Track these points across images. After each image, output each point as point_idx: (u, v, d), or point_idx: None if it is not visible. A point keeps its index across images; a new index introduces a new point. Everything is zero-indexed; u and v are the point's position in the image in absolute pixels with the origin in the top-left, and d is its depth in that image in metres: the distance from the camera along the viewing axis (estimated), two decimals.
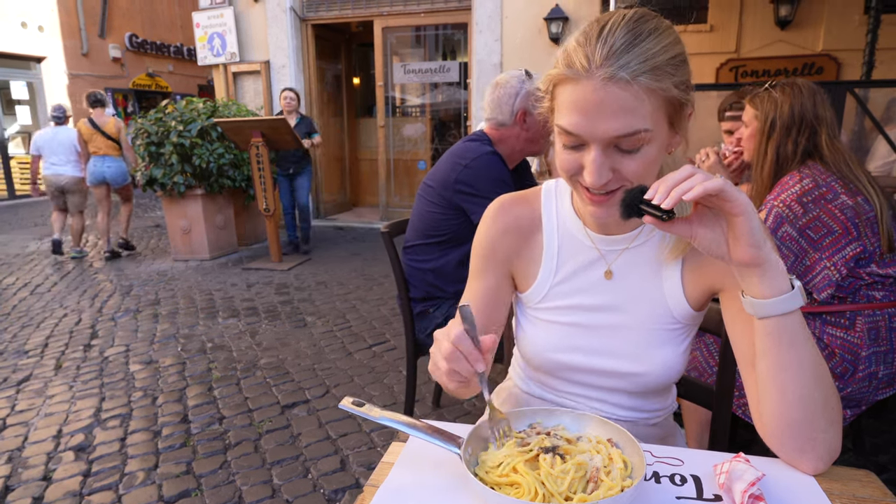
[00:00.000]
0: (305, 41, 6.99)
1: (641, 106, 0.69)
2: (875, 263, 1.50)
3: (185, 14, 11.77)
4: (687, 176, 0.64)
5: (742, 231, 0.65)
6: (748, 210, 0.64)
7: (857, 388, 1.52)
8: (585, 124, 0.71)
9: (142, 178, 5.15)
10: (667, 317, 0.87)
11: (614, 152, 0.73)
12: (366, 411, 0.75)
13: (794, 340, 0.70)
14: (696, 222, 0.68)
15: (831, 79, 6.04)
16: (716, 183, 0.62)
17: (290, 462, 2.14)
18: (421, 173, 7.31)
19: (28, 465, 2.15)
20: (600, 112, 0.70)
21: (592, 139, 0.72)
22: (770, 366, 0.72)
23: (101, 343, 3.36)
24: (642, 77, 0.68)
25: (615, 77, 0.68)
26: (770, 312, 0.69)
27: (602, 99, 0.69)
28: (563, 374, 0.93)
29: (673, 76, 0.71)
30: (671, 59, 0.70)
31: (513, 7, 5.90)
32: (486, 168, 1.83)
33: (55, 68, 10.19)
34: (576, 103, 0.71)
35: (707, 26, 6.61)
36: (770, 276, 0.68)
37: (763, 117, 1.60)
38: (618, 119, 0.69)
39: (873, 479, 0.73)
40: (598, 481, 0.66)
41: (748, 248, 0.66)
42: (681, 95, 0.73)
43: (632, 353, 0.87)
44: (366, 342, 3.34)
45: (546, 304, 0.92)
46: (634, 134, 0.70)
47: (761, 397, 0.74)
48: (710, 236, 0.68)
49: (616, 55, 0.68)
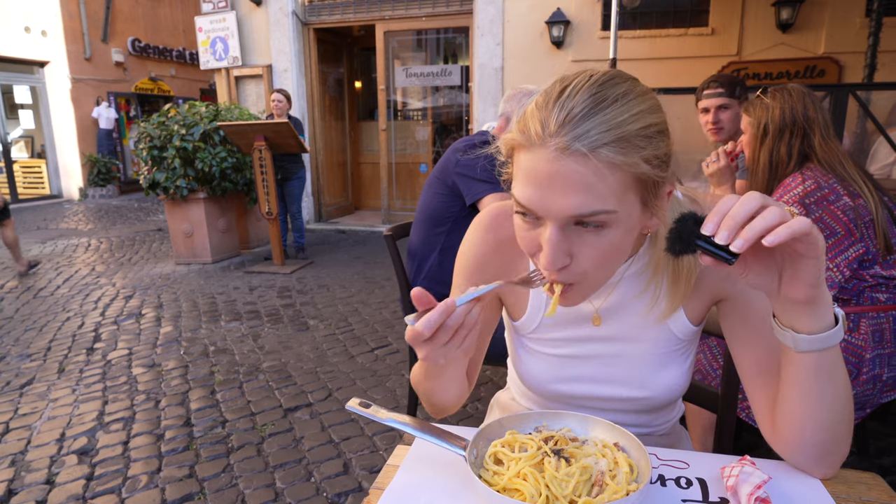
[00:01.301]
0: (307, 45, 7.02)
1: (601, 183, 0.60)
2: (878, 265, 1.50)
3: (187, 19, 11.82)
4: (758, 209, 0.53)
5: (808, 273, 0.57)
6: (822, 253, 0.56)
7: (861, 390, 1.52)
8: (538, 199, 0.62)
9: (145, 182, 5.16)
10: (669, 339, 0.83)
11: (573, 232, 0.64)
12: (372, 413, 0.75)
13: (831, 373, 0.66)
14: (750, 257, 0.59)
15: (833, 81, 6.04)
16: (803, 225, 0.52)
17: (293, 465, 2.14)
18: (422, 176, 7.32)
19: (31, 468, 2.15)
20: (553, 186, 0.61)
21: (547, 215, 0.63)
22: (801, 396, 0.68)
23: (104, 346, 3.37)
24: (603, 150, 0.59)
25: (570, 148, 0.59)
26: (812, 348, 0.63)
27: (556, 172, 0.60)
28: (565, 401, 0.90)
29: (642, 149, 0.61)
30: (642, 129, 0.61)
31: (514, 11, 5.92)
32: (481, 151, 1.89)
33: (58, 73, 10.22)
34: (528, 174, 0.63)
35: (708, 29, 6.62)
36: (819, 312, 0.61)
37: (756, 123, 1.64)
38: (573, 196, 0.60)
39: (879, 481, 0.73)
40: (604, 485, 0.66)
41: (807, 289, 0.58)
42: (653, 173, 0.62)
43: (635, 378, 0.83)
44: (368, 345, 3.34)
45: (539, 336, 0.88)
46: (594, 214, 0.61)
47: (783, 419, 0.71)
48: (764, 273, 0.60)
49: (573, 122, 0.59)
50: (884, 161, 3.27)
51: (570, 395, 0.88)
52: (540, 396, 0.93)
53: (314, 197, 7.44)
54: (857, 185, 1.50)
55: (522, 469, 0.68)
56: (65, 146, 10.52)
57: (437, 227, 1.97)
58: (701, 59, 6.49)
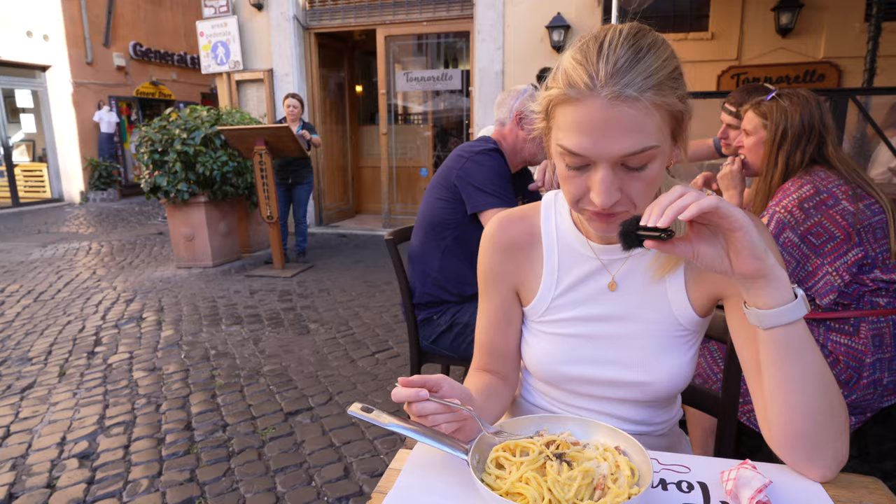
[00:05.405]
0: (308, 49, 7.04)
1: (650, 122, 0.69)
2: (878, 269, 1.50)
3: (188, 23, 11.85)
4: (679, 196, 0.64)
5: (743, 245, 0.65)
6: (745, 224, 0.64)
7: (861, 395, 1.52)
8: (593, 144, 0.69)
9: (146, 186, 5.17)
10: (673, 324, 0.86)
11: (621, 171, 0.72)
12: (374, 417, 0.75)
13: (800, 351, 0.70)
14: (695, 241, 0.68)
15: (833, 86, 6.06)
16: (710, 201, 0.62)
17: (294, 469, 2.14)
18: (423, 180, 7.33)
19: (32, 472, 2.15)
20: (608, 131, 0.68)
21: (600, 159, 0.70)
22: (776, 377, 0.72)
23: (104, 350, 3.37)
24: (648, 93, 0.67)
25: (622, 95, 0.67)
26: (775, 323, 0.68)
27: (611, 118, 0.68)
28: (569, 386, 0.92)
29: (675, 90, 0.71)
30: (671, 73, 0.70)
31: (515, 15, 5.94)
32: (487, 161, 1.90)
33: (60, 77, 10.25)
34: (581, 124, 0.70)
35: (708, 34, 6.64)
36: (774, 286, 0.67)
37: (773, 127, 1.61)
38: (627, 137, 0.68)
39: (880, 486, 0.73)
40: (606, 489, 0.66)
41: (751, 261, 0.66)
42: (684, 108, 0.73)
43: (638, 362, 0.87)
44: (369, 349, 3.34)
45: (548, 318, 0.92)
46: (643, 151, 0.69)
47: (768, 407, 0.74)
48: (712, 253, 0.68)
49: (621, 73, 0.67)
50: (885, 166, 3.28)
51: (575, 376, 0.90)
52: (545, 381, 0.95)
53: (315, 201, 7.44)
54: (869, 188, 1.51)
55: (525, 473, 0.68)
56: (66, 150, 10.53)
57: (438, 233, 1.95)
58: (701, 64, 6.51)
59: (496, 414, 0.95)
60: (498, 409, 0.95)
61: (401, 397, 0.74)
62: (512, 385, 1.01)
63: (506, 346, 0.98)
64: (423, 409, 0.74)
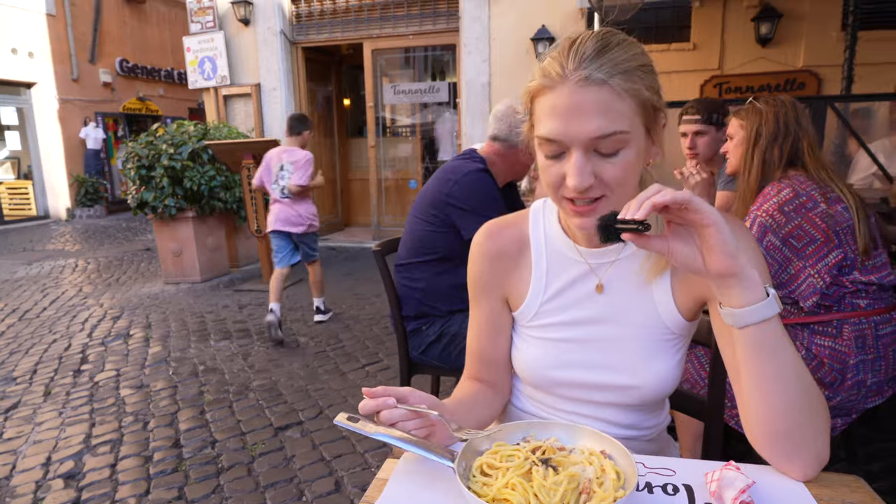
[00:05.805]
0: (296, 64, 7.06)
1: (617, 104, 0.72)
2: (857, 271, 1.53)
3: (175, 39, 11.86)
4: (655, 192, 0.66)
5: (714, 241, 0.66)
6: (717, 220, 0.66)
7: (846, 396, 1.54)
8: (564, 128, 0.73)
9: (133, 202, 5.14)
10: (660, 328, 0.87)
11: (595, 157, 0.75)
12: (360, 427, 0.75)
13: (775, 349, 0.71)
14: (671, 238, 0.70)
15: (812, 94, 6.17)
16: (684, 193, 0.65)
17: (285, 485, 2.12)
18: (412, 192, 7.34)
19: (16, 494, 2.11)
20: (577, 114, 0.72)
21: (572, 143, 0.74)
22: (753, 375, 0.72)
23: (91, 368, 3.32)
24: (616, 78, 0.72)
25: (590, 78, 0.71)
26: (748, 321, 0.70)
27: (579, 101, 0.72)
28: (558, 390, 0.93)
29: (643, 80, 0.74)
30: (640, 66, 0.74)
31: (500, 28, 6.01)
32: (476, 184, 1.87)
33: (45, 94, 10.19)
34: (553, 109, 0.74)
35: (690, 45, 6.75)
36: (745, 285, 0.69)
37: (749, 127, 1.67)
38: (595, 119, 0.72)
39: (862, 484, 0.74)
40: (591, 493, 0.67)
41: (723, 258, 0.67)
42: (654, 99, 0.76)
43: (626, 365, 0.87)
44: (359, 362, 3.32)
45: (537, 322, 0.93)
46: (613, 135, 0.72)
47: (747, 406, 0.75)
48: (686, 250, 0.69)
49: (589, 59, 0.72)
50: (865, 172, 3.34)
51: (564, 380, 0.91)
52: (535, 386, 0.96)
53: None
54: (838, 190, 1.54)
55: (511, 479, 0.68)
56: (52, 167, 10.45)
57: (425, 255, 1.94)
58: (684, 74, 6.62)
59: (484, 421, 0.95)
60: (486, 416, 0.96)
61: (368, 408, 0.75)
62: (502, 393, 1.01)
63: (495, 354, 0.98)
64: (391, 416, 0.76)
